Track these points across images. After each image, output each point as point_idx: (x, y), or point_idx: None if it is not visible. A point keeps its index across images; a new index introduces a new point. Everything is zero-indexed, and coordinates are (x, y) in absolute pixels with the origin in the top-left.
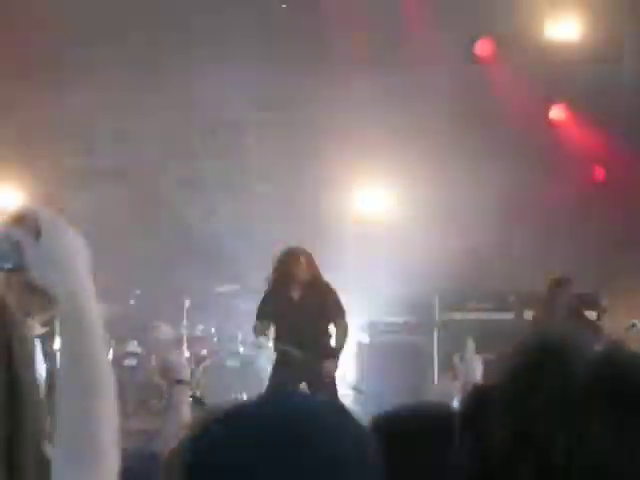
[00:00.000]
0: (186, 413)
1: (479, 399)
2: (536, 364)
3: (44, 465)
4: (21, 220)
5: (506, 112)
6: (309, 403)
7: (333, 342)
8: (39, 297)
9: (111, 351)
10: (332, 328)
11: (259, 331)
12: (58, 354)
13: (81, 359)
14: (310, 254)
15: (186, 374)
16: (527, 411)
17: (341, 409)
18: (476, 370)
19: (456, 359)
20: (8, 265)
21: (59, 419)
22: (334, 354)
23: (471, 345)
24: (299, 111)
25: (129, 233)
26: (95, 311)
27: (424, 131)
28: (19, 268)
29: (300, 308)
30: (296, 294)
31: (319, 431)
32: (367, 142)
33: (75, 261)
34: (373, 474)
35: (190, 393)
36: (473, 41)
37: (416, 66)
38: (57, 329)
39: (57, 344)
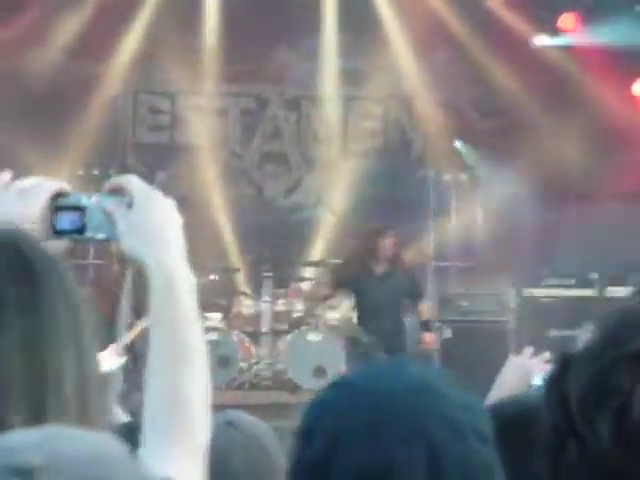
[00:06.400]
0: None
1: (565, 362)
2: (618, 325)
3: None
4: (115, 190)
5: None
6: (418, 373)
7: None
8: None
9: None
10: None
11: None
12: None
13: (173, 328)
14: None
15: None
16: (609, 364)
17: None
18: None
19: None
20: (101, 235)
21: (149, 387)
22: (429, 328)
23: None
24: None
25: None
26: (187, 281)
27: None
28: (112, 239)
29: (383, 285)
30: (380, 270)
31: (438, 396)
32: None
33: (167, 231)
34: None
35: None
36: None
37: None
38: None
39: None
